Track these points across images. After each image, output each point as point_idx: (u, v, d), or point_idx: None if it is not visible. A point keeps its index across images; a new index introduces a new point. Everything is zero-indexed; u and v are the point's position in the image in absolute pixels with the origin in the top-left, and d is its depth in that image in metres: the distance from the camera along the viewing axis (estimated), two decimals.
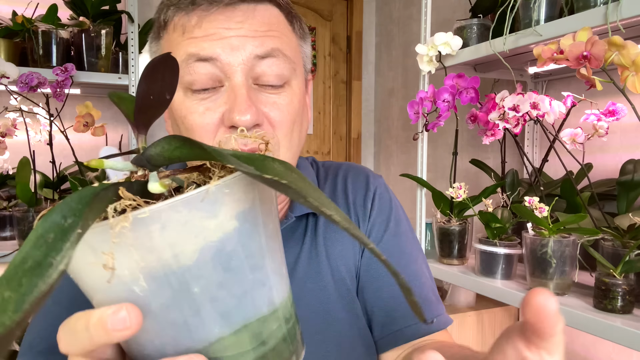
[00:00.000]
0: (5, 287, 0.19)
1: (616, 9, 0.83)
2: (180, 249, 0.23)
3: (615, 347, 1.24)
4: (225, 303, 0.25)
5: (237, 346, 0.25)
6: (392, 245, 0.64)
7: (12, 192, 1.51)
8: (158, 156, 0.26)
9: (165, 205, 0.22)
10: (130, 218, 0.22)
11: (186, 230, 0.23)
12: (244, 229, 0.25)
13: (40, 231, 0.21)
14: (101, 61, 1.52)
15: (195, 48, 0.50)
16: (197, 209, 0.23)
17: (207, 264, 0.24)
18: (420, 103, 1.24)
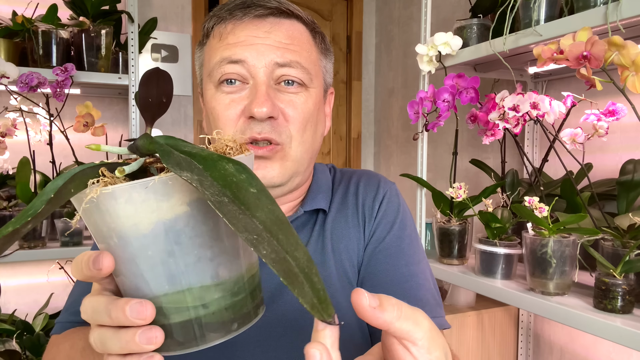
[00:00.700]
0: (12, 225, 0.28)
1: (616, 9, 0.83)
2: (139, 220, 0.30)
3: (615, 347, 1.24)
4: (173, 268, 0.32)
5: (179, 302, 0.32)
6: (393, 245, 0.67)
7: (12, 192, 1.51)
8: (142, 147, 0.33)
9: (125, 186, 0.30)
10: (98, 191, 0.30)
11: (144, 207, 0.30)
12: (195, 214, 0.31)
13: (46, 190, 0.29)
14: (101, 61, 1.52)
15: (228, 53, 0.59)
16: (151, 192, 0.30)
17: (159, 235, 0.31)
18: (420, 103, 1.24)
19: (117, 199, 0.30)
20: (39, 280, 1.71)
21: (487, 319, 1.45)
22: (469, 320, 1.42)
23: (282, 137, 0.59)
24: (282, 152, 0.60)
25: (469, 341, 1.43)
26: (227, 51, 0.59)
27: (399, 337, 0.30)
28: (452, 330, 1.40)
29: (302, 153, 0.62)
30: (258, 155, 0.59)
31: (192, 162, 0.29)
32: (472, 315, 1.43)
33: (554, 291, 0.95)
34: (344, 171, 0.77)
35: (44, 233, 1.39)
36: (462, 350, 1.42)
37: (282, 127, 0.59)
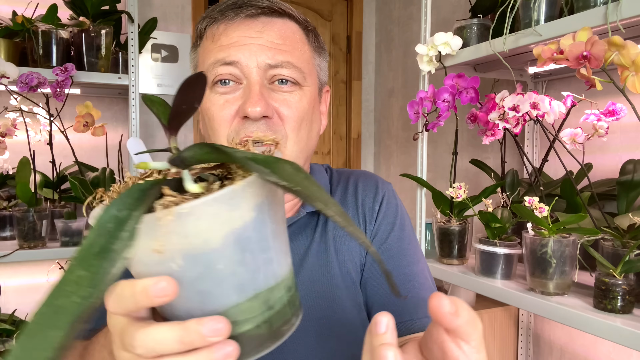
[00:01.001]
0: (77, 267, 0.24)
1: (616, 9, 0.83)
2: (210, 235, 0.29)
3: (615, 347, 1.24)
4: (242, 277, 0.31)
5: (249, 310, 0.31)
6: (394, 246, 0.68)
7: (12, 192, 1.51)
8: (191, 158, 0.31)
9: (201, 202, 0.28)
10: (174, 212, 0.27)
11: (215, 220, 0.29)
12: (259, 218, 0.31)
13: (101, 221, 0.26)
14: (101, 61, 1.52)
15: (221, 55, 0.59)
16: (225, 203, 0.29)
17: (229, 246, 0.30)
18: (420, 103, 1.24)
19: (188, 217, 0.28)
20: (39, 280, 1.71)
21: (487, 319, 1.45)
22: None
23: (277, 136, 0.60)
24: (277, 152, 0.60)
25: None
26: (221, 53, 0.60)
27: (458, 336, 0.31)
28: None
29: (297, 152, 0.62)
30: None
31: (261, 167, 0.28)
32: None
33: (554, 291, 0.95)
34: (340, 171, 0.77)
35: (44, 233, 1.39)
36: None
37: (277, 127, 0.60)
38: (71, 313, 0.22)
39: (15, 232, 1.38)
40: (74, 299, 0.23)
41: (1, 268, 1.67)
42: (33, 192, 1.36)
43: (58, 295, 0.23)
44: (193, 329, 0.29)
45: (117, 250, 0.25)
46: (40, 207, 1.38)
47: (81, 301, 0.23)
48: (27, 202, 1.34)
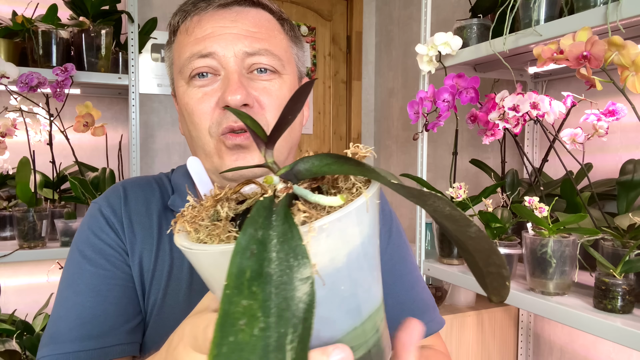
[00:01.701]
0: (236, 296, 0.21)
1: (616, 9, 0.83)
2: (336, 253, 0.26)
3: (615, 347, 1.24)
4: (360, 298, 0.28)
5: (363, 335, 0.29)
6: (396, 254, 0.68)
7: (12, 192, 1.51)
8: (306, 171, 0.28)
9: (336, 216, 0.25)
10: (316, 228, 0.25)
11: (342, 237, 0.26)
12: (373, 233, 0.29)
13: (242, 244, 0.23)
14: (101, 61, 1.52)
15: (197, 47, 0.58)
16: (353, 218, 0.26)
17: (352, 264, 0.27)
18: (420, 103, 1.24)
19: (320, 234, 0.25)
20: (39, 280, 1.71)
21: (487, 319, 1.45)
22: (469, 320, 1.42)
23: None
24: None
25: (469, 341, 1.43)
26: (196, 46, 0.58)
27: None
28: (452, 330, 1.40)
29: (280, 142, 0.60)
30: (236, 144, 0.57)
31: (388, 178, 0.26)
32: (472, 315, 1.43)
33: (554, 291, 0.95)
34: None
35: (44, 233, 1.39)
36: (462, 350, 1.42)
37: (258, 115, 0.58)
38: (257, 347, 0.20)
39: (15, 232, 1.38)
40: (252, 332, 0.20)
41: (1, 268, 1.67)
42: (33, 192, 1.36)
43: (230, 333, 0.20)
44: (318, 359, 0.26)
45: (275, 274, 0.22)
46: (40, 207, 1.38)
47: (261, 333, 0.20)
48: (27, 202, 1.34)
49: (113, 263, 0.60)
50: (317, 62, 2.45)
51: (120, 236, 0.61)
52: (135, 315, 0.59)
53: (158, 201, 0.65)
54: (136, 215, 0.63)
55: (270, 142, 0.30)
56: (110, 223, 0.61)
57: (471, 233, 0.25)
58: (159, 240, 0.62)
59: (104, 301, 0.57)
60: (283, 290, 0.22)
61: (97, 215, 0.62)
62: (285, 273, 0.22)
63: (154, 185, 0.67)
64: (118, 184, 0.67)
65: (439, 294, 1.44)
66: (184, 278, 0.61)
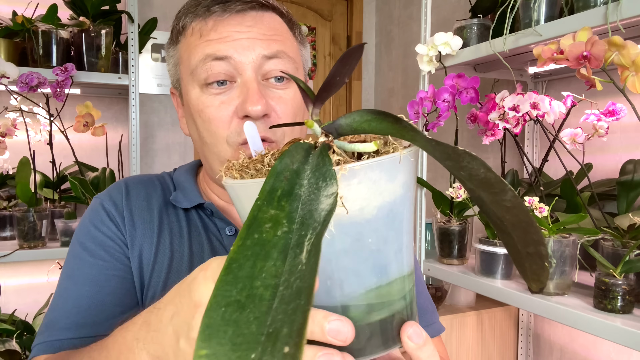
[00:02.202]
0: (266, 206, 0.24)
1: (616, 9, 0.83)
2: (367, 203, 0.27)
3: (615, 347, 1.24)
4: (387, 256, 0.29)
5: (388, 295, 0.29)
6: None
7: (12, 192, 1.51)
8: (347, 126, 0.29)
9: (372, 162, 0.27)
10: (347, 169, 0.26)
11: (374, 188, 0.27)
12: (406, 196, 0.29)
13: (277, 170, 0.26)
14: (101, 61, 1.52)
15: (212, 49, 0.57)
16: (385, 171, 0.27)
17: (381, 219, 0.28)
18: (420, 103, 1.24)
19: (351, 179, 0.26)
20: (39, 280, 1.71)
21: (487, 319, 1.45)
22: (469, 320, 1.42)
23: (276, 135, 0.59)
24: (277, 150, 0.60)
25: (469, 341, 1.43)
26: (210, 47, 0.57)
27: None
28: (452, 330, 1.40)
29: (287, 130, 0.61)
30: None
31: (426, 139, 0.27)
32: (472, 315, 1.43)
33: (554, 291, 0.95)
34: None
35: (44, 233, 1.39)
36: (462, 350, 1.42)
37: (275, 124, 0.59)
38: (278, 245, 0.22)
39: (15, 232, 1.38)
40: (276, 233, 0.23)
41: (1, 268, 1.67)
42: (33, 192, 1.36)
43: (256, 232, 0.23)
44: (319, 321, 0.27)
45: (304, 194, 0.24)
46: (40, 207, 1.38)
47: (284, 235, 0.23)
48: (27, 202, 1.34)
49: (112, 254, 0.61)
50: (317, 62, 2.45)
51: (121, 229, 0.62)
52: (132, 307, 0.60)
53: (159, 197, 0.66)
54: (137, 209, 0.64)
55: (318, 101, 0.32)
56: (112, 216, 0.62)
57: (507, 202, 0.25)
58: (160, 234, 0.63)
59: (100, 291, 0.59)
60: (309, 205, 0.24)
61: (98, 208, 0.63)
62: (314, 192, 0.24)
63: (155, 182, 0.68)
64: (120, 181, 0.68)
65: (439, 294, 1.44)
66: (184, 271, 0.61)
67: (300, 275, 0.21)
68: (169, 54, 0.65)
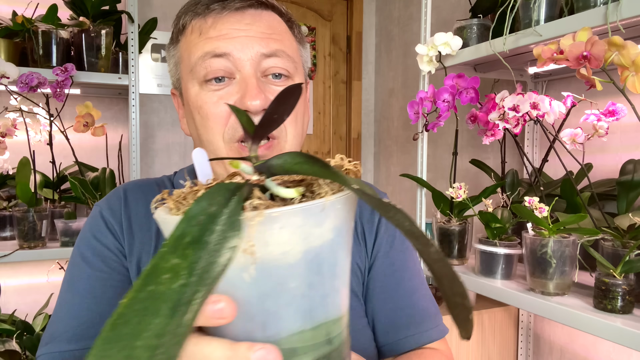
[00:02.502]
0: (171, 254, 0.23)
1: (616, 9, 0.83)
2: (290, 248, 0.27)
3: (615, 347, 1.24)
4: (312, 301, 0.29)
5: (312, 340, 0.29)
6: (397, 260, 0.68)
7: (12, 192, 1.51)
8: (279, 167, 0.29)
9: (291, 209, 0.26)
10: (265, 214, 0.26)
11: (298, 233, 0.27)
12: (337, 241, 0.29)
13: (192, 213, 0.25)
14: (101, 61, 1.52)
15: (211, 47, 0.57)
16: (312, 217, 0.27)
17: (306, 265, 0.28)
18: (420, 103, 1.24)
19: (273, 224, 0.26)
20: (39, 280, 1.71)
21: (487, 319, 1.45)
22: None
23: (278, 131, 0.59)
24: (279, 147, 0.60)
25: (469, 341, 1.43)
26: (209, 45, 0.58)
27: None
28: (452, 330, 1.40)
29: (296, 145, 0.62)
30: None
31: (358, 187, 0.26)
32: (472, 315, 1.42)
33: (554, 291, 0.95)
34: None
35: (44, 233, 1.39)
36: (462, 350, 1.42)
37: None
38: (171, 299, 0.21)
39: (15, 232, 1.38)
40: (172, 286, 0.22)
41: (1, 268, 1.67)
42: (33, 192, 1.36)
43: (152, 283, 0.22)
44: (242, 353, 0.27)
45: (212, 242, 0.24)
46: (40, 207, 1.38)
47: (179, 289, 0.22)
48: (27, 202, 1.34)
49: (110, 265, 0.60)
50: (317, 62, 2.45)
51: (119, 238, 0.62)
52: None
53: None
54: (135, 216, 0.63)
55: (256, 137, 0.32)
56: (109, 225, 0.62)
57: (432, 254, 0.25)
58: (158, 241, 0.62)
59: (100, 303, 0.59)
60: (212, 257, 0.23)
61: (97, 217, 0.63)
62: (220, 242, 0.24)
63: (154, 187, 0.68)
64: (119, 187, 0.68)
65: (438, 294, 1.44)
66: None
67: (176, 340, 0.20)
68: (169, 54, 0.65)
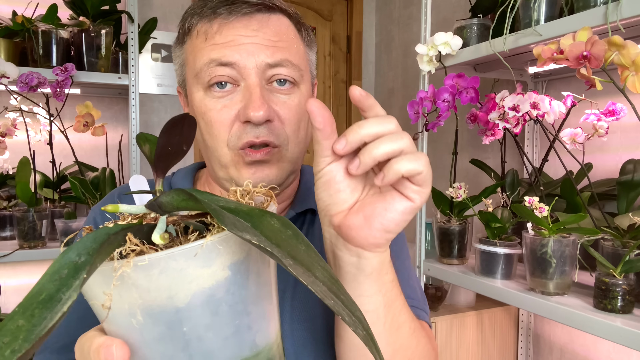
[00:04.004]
0: (20, 315, 0.21)
1: (616, 8, 0.83)
2: (175, 292, 0.26)
3: (615, 347, 1.24)
4: (211, 343, 0.27)
5: None
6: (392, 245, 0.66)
7: (12, 192, 1.51)
8: (168, 204, 0.28)
9: (164, 255, 0.25)
10: (132, 264, 0.25)
11: (181, 276, 0.26)
12: (236, 279, 0.28)
13: (56, 266, 0.23)
14: (101, 61, 1.52)
15: (217, 54, 0.57)
16: (192, 259, 0.26)
17: (197, 307, 0.27)
18: (420, 103, 1.24)
19: (150, 270, 0.25)
20: None
21: (487, 319, 1.45)
22: (469, 320, 1.42)
23: (280, 139, 0.58)
24: (279, 154, 0.59)
25: (469, 341, 1.43)
26: (215, 52, 0.57)
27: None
28: (452, 330, 1.40)
29: (298, 153, 0.61)
30: (256, 160, 0.57)
31: (241, 221, 0.26)
32: (472, 315, 1.43)
33: (554, 291, 0.95)
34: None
35: (44, 233, 1.39)
36: (462, 350, 1.42)
37: (278, 130, 0.58)
38: None
39: (15, 232, 1.38)
40: (5, 352, 0.20)
41: (1, 268, 1.67)
42: (33, 192, 1.36)
43: None
44: None
45: (62, 298, 0.21)
46: (40, 207, 1.38)
47: (10, 355, 0.20)
48: (27, 202, 1.34)
49: None
50: (317, 62, 2.45)
51: None
52: None
53: None
54: None
55: (158, 170, 0.32)
56: None
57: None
58: None
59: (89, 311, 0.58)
60: (55, 314, 0.21)
61: (91, 223, 0.64)
62: (65, 294, 0.22)
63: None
64: (114, 191, 0.67)
65: (439, 294, 1.44)
66: None
67: None
68: (175, 54, 0.65)
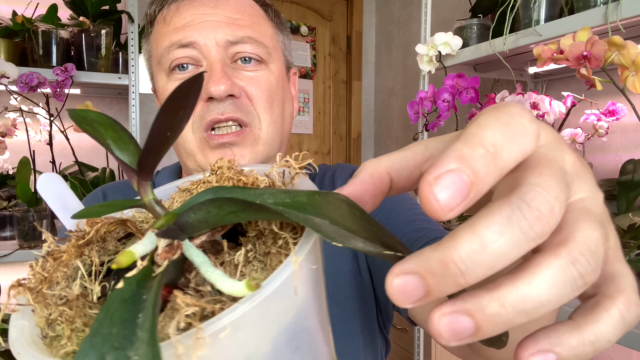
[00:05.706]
0: None
1: (616, 9, 0.83)
2: (254, 346, 0.19)
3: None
4: None
5: None
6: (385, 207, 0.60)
7: (12, 192, 1.51)
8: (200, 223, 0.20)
9: (248, 309, 0.17)
10: (208, 340, 0.16)
11: (261, 323, 0.18)
12: (314, 295, 0.21)
13: None
14: (101, 61, 1.52)
15: (177, 37, 0.55)
16: (275, 297, 0.18)
17: (281, 350, 0.20)
18: (420, 103, 1.24)
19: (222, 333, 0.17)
20: None
21: None
22: None
23: (249, 117, 0.55)
24: (252, 135, 0.55)
25: None
26: (175, 35, 0.55)
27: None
28: None
29: (273, 135, 0.57)
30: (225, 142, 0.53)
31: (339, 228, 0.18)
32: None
33: None
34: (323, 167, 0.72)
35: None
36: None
37: (245, 107, 0.54)
38: None
39: (15, 232, 1.38)
40: None
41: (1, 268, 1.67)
42: (33, 192, 1.36)
43: None
44: None
45: None
46: (40, 207, 1.38)
47: None
48: (27, 202, 1.34)
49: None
50: (317, 62, 2.45)
51: None
52: None
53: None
54: None
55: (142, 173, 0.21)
56: None
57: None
58: None
59: None
60: None
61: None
62: None
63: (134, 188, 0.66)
64: (98, 189, 0.65)
65: None
66: None
67: None
68: (144, 49, 0.62)
